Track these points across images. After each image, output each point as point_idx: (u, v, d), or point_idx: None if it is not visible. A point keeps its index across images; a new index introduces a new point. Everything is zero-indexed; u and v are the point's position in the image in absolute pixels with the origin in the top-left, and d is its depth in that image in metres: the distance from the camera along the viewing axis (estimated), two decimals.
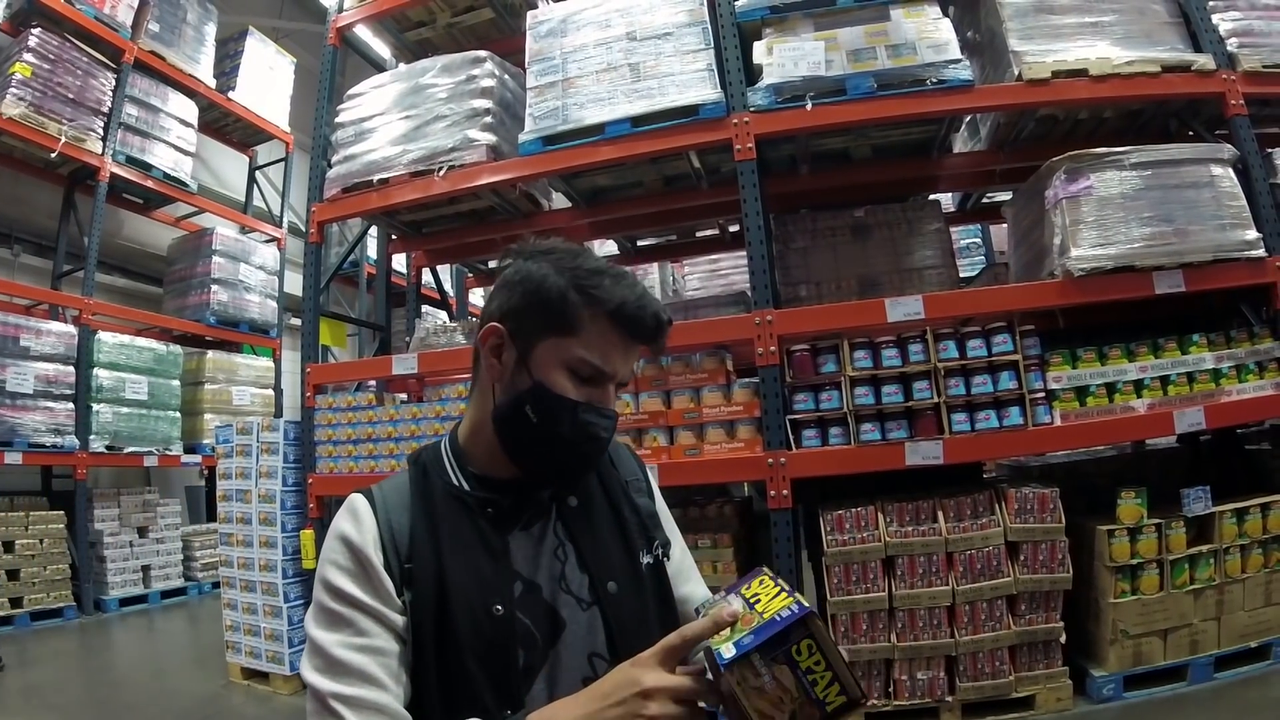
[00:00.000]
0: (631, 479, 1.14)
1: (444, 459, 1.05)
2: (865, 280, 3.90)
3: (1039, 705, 3.07)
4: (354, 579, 0.91)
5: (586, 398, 0.96)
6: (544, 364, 0.96)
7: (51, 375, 6.35)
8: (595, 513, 1.06)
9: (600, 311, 0.95)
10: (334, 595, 0.91)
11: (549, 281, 0.96)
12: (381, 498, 0.99)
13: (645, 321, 0.96)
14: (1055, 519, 3.11)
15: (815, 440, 3.33)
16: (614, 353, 0.97)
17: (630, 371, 1.01)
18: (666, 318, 0.99)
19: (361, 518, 0.96)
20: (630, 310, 0.95)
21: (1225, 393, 3.28)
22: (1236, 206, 3.30)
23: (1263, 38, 3.61)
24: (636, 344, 0.98)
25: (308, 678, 0.88)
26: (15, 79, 6.21)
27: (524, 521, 1.01)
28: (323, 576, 0.93)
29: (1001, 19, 3.60)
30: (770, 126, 3.52)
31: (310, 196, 4.61)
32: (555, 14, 3.93)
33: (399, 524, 0.96)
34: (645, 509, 1.12)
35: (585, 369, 0.96)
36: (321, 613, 0.91)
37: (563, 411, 0.95)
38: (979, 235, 6.85)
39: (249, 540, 4.36)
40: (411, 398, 4.77)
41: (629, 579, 1.02)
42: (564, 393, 0.95)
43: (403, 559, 0.94)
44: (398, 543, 0.94)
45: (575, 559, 1.01)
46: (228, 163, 9.55)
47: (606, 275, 0.96)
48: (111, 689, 4.45)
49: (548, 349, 0.96)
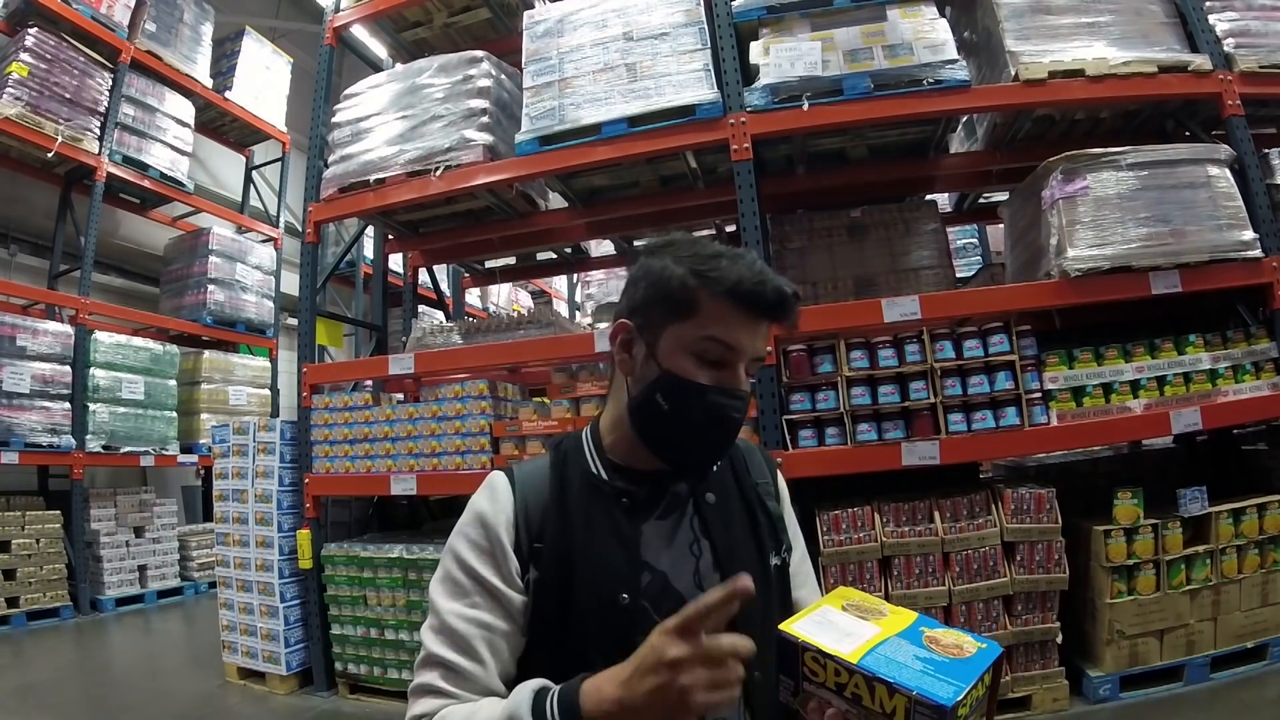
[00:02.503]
0: (762, 481, 1.15)
1: (584, 447, 1.07)
2: (861, 280, 3.90)
3: (1035, 705, 3.07)
4: (481, 555, 0.97)
5: (715, 381, 0.97)
6: (670, 352, 0.98)
7: (48, 375, 6.34)
8: (731, 511, 1.08)
9: (718, 291, 0.95)
10: (460, 566, 0.97)
11: (668, 272, 0.98)
12: (522, 476, 1.03)
13: (765, 296, 0.95)
14: (1051, 519, 3.11)
15: (812, 440, 3.32)
16: (737, 331, 0.96)
17: (760, 348, 0.99)
18: (791, 290, 0.98)
19: (499, 495, 1.01)
20: (748, 286, 0.95)
21: (1221, 393, 3.28)
22: (1233, 207, 3.30)
23: (1259, 38, 3.61)
24: (760, 319, 0.98)
25: (422, 634, 0.97)
26: (12, 79, 6.19)
27: (659, 513, 1.03)
28: (453, 546, 1.00)
29: (998, 19, 3.59)
30: (767, 127, 3.51)
31: (307, 196, 4.61)
32: (552, 14, 3.93)
33: (535, 504, 1.00)
34: (774, 512, 1.13)
35: (711, 351, 0.96)
36: (446, 579, 0.98)
37: (691, 395, 0.96)
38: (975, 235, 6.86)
39: (245, 540, 4.35)
40: (408, 398, 4.76)
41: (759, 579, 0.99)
42: (691, 377, 0.96)
43: (534, 538, 0.98)
44: (530, 522, 0.99)
45: (710, 555, 1.02)
46: (224, 163, 9.54)
47: (724, 257, 0.97)
48: (108, 689, 4.44)
49: (672, 336, 0.98)
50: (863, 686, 0.77)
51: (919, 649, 0.81)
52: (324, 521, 4.25)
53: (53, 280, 7.24)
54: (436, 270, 6.03)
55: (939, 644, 0.82)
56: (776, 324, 1.00)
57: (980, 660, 0.80)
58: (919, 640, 0.83)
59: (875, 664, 0.77)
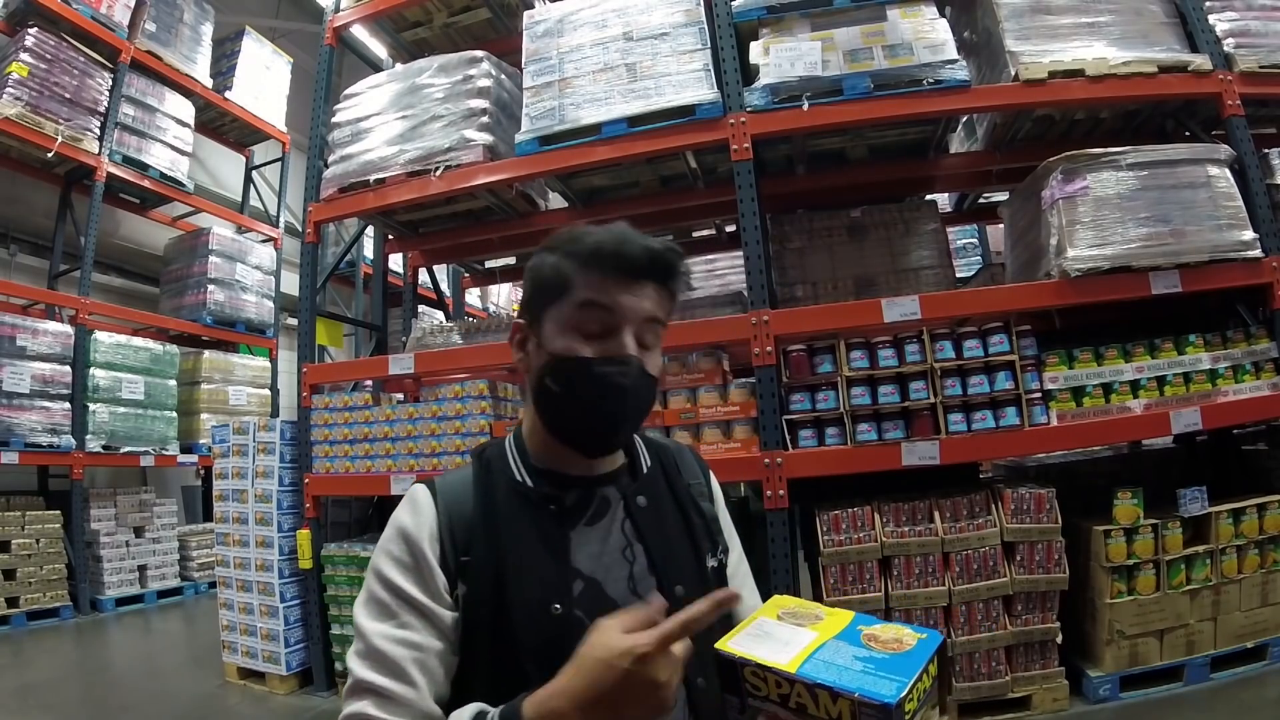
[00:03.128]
0: (694, 482, 1.13)
1: (508, 454, 1.03)
2: (862, 280, 3.90)
3: (1035, 705, 3.07)
4: (406, 572, 0.92)
5: (599, 351, 0.94)
6: (553, 334, 0.96)
7: (48, 375, 6.34)
8: (664, 513, 1.05)
9: (581, 262, 0.95)
10: (384, 585, 0.92)
11: (542, 261, 0.99)
12: (444, 489, 0.99)
13: (630, 253, 0.94)
14: (1051, 519, 3.11)
15: (812, 440, 3.32)
16: (609, 293, 0.94)
17: (646, 308, 0.96)
18: (662, 248, 0.96)
19: (421, 509, 0.96)
20: (609, 248, 0.94)
21: (1221, 393, 3.27)
22: (1233, 207, 3.30)
23: (1259, 38, 3.61)
24: (631, 279, 0.95)
25: (348, 661, 0.91)
26: (12, 79, 6.20)
27: (588, 518, 0.99)
28: (375, 565, 0.94)
29: (998, 19, 3.59)
30: (767, 127, 3.51)
31: (307, 196, 4.61)
32: (552, 14, 3.93)
33: (459, 516, 0.96)
34: (708, 512, 1.11)
35: (589, 322, 0.94)
36: (371, 601, 0.92)
37: (575, 370, 0.94)
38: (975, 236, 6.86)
39: (245, 540, 4.35)
40: (408, 398, 4.76)
41: (696, 583, 0.99)
42: (574, 353, 0.94)
43: (460, 552, 0.93)
44: (456, 535, 0.94)
45: (645, 560, 0.99)
46: (224, 163, 9.54)
47: (591, 233, 0.96)
48: (107, 689, 4.44)
49: (552, 319, 0.97)
50: (805, 695, 0.76)
51: (858, 649, 0.80)
52: (324, 521, 4.25)
53: (53, 280, 7.24)
54: (436, 270, 6.03)
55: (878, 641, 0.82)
56: (658, 283, 0.97)
57: (921, 651, 0.79)
58: (857, 640, 0.82)
59: (814, 670, 0.76)
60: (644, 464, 1.09)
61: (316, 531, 4.15)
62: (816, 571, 3.27)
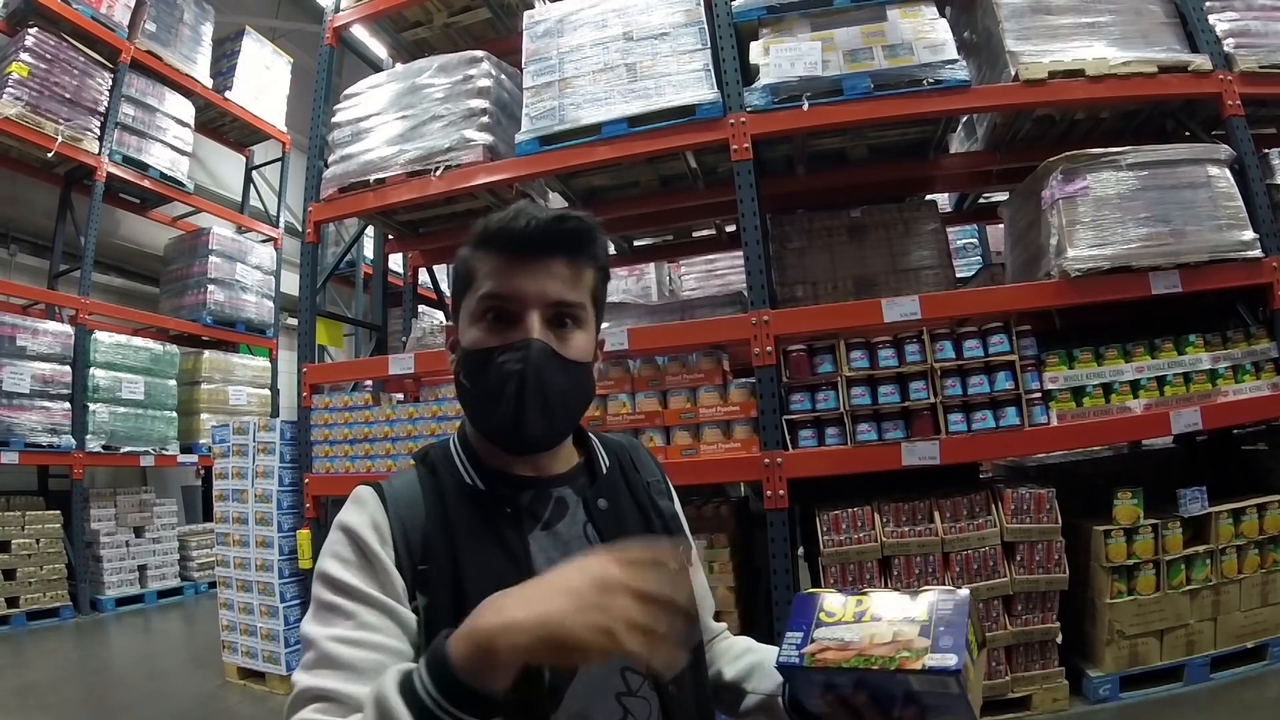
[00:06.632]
0: (652, 480, 1.11)
1: (454, 456, 0.99)
2: (861, 281, 3.90)
3: (1035, 706, 3.07)
4: (357, 570, 0.84)
5: (503, 341, 0.91)
6: (465, 329, 0.95)
7: (48, 375, 6.34)
8: (624, 514, 1.02)
9: (479, 247, 0.94)
10: (333, 588, 0.83)
11: (457, 255, 0.98)
12: (392, 492, 0.92)
13: (516, 229, 0.90)
14: (1051, 519, 3.11)
15: (812, 440, 3.32)
16: (507, 277, 0.91)
17: (553, 290, 0.91)
18: (556, 218, 0.91)
19: (368, 505, 0.90)
20: (496, 225, 0.92)
21: (1222, 393, 3.27)
22: (1233, 207, 3.30)
23: (1259, 38, 3.61)
24: (532, 257, 0.91)
25: (295, 679, 0.79)
26: (12, 78, 6.19)
27: (545, 522, 0.95)
28: (321, 571, 0.85)
29: (998, 19, 3.59)
30: (767, 127, 3.51)
31: (307, 196, 4.61)
32: (552, 14, 3.93)
33: (411, 521, 0.89)
34: (668, 511, 1.08)
35: (493, 310, 0.92)
36: (319, 609, 0.82)
37: (479, 363, 0.92)
38: (975, 236, 6.86)
39: (245, 540, 4.35)
40: (408, 398, 4.76)
41: None
42: (480, 345, 0.92)
43: (416, 560, 0.87)
44: (410, 541, 0.87)
45: None
46: (224, 163, 9.54)
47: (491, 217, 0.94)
48: (108, 689, 4.44)
49: (464, 314, 0.96)
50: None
51: None
52: (324, 521, 4.24)
53: (53, 280, 7.24)
54: (436, 270, 6.03)
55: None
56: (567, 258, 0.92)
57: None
58: None
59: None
60: (603, 465, 1.06)
61: (316, 531, 4.14)
62: (816, 571, 3.27)
